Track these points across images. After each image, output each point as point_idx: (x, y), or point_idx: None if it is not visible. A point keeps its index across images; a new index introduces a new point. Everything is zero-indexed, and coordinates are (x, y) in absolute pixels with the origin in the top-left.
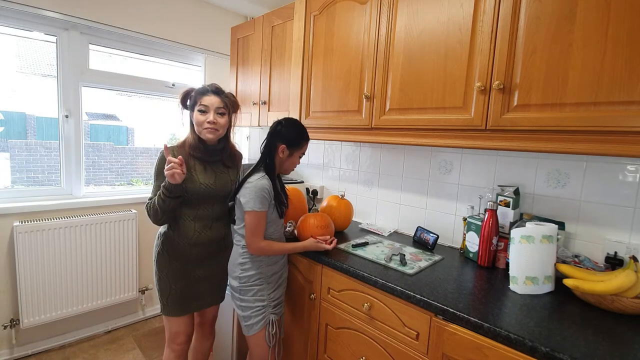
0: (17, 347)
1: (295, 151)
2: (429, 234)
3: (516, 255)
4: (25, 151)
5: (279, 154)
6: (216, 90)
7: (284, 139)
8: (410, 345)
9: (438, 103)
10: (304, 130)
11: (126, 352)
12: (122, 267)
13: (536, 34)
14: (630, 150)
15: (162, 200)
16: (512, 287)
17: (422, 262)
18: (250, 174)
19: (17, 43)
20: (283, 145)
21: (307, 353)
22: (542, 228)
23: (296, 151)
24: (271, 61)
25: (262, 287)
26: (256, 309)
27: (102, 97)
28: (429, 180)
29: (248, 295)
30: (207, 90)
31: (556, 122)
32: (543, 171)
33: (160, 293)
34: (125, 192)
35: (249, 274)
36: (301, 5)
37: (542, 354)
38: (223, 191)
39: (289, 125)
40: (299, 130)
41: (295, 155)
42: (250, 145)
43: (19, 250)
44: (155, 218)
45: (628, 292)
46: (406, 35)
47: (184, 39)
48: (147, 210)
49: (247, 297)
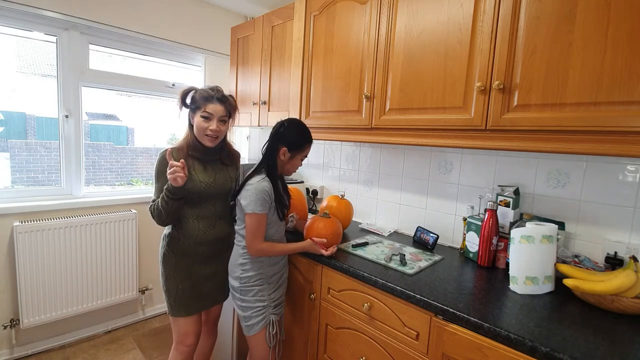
0: (17, 347)
1: (297, 154)
2: (429, 234)
3: (516, 255)
4: (25, 151)
5: (280, 157)
6: (221, 98)
7: (286, 142)
8: (410, 345)
9: (438, 103)
10: (306, 132)
11: (126, 352)
12: (122, 267)
13: (536, 34)
14: (630, 150)
15: (165, 202)
16: (512, 287)
17: (422, 262)
18: (251, 176)
19: (17, 43)
20: (284, 148)
21: (307, 353)
22: (542, 228)
23: (298, 154)
24: (271, 61)
25: (262, 287)
26: (257, 309)
27: (102, 97)
28: (429, 180)
29: (249, 295)
30: (212, 97)
31: (556, 122)
32: (543, 171)
33: (168, 294)
34: (125, 192)
35: (250, 275)
36: (301, 5)
37: (542, 354)
38: (223, 189)
39: (291, 127)
40: (301, 131)
41: (297, 157)
42: (250, 145)
43: (19, 250)
44: (159, 219)
45: (628, 292)
46: (406, 35)
47: (184, 39)
48: (151, 212)
49: (248, 298)
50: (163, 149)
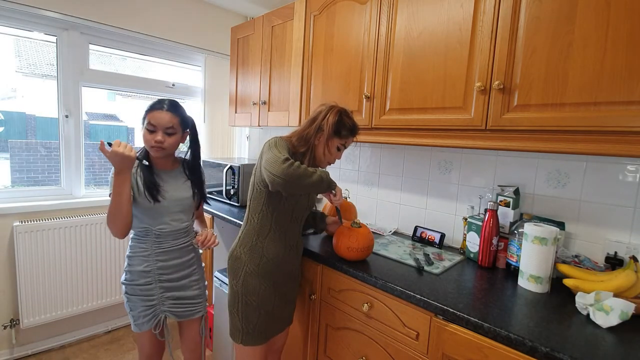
0: (17, 347)
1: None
2: (433, 233)
3: (528, 254)
4: (25, 151)
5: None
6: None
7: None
8: (411, 345)
9: (438, 103)
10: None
11: (126, 352)
12: (122, 267)
13: (536, 34)
14: (630, 150)
15: None
16: (520, 281)
17: (446, 262)
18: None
19: (17, 43)
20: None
21: (307, 353)
22: (554, 229)
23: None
24: (271, 61)
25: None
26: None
27: (102, 97)
28: (429, 180)
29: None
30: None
31: (556, 122)
32: (543, 171)
33: (246, 320)
34: None
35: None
36: (301, 5)
37: (542, 354)
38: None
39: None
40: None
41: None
42: (250, 145)
43: (19, 250)
44: None
45: (628, 292)
46: (406, 35)
47: (184, 39)
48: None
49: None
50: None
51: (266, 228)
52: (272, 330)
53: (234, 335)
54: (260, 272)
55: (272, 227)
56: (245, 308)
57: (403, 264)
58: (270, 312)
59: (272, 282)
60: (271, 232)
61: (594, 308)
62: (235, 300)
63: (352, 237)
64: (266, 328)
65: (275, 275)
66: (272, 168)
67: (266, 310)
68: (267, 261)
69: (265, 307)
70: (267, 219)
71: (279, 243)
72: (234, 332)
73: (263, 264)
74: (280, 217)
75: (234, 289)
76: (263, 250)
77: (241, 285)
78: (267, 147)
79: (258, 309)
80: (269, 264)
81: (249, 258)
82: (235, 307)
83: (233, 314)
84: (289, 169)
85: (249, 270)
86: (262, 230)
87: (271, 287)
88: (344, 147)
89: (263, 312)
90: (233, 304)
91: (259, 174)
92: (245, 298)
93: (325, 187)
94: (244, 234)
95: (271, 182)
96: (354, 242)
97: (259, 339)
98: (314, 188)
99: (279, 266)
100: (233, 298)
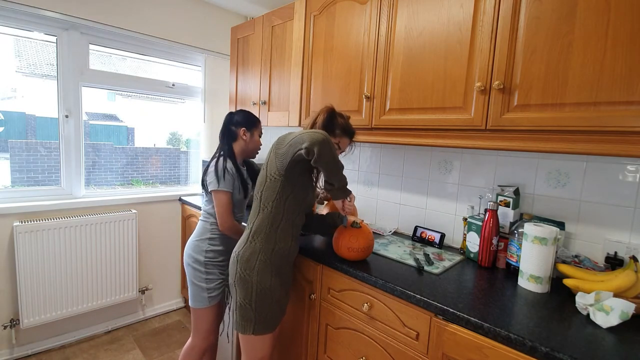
0: (17, 347)
1: (255, 131)
2: (433, 233)
3: (528, 254)
4: (25, 151)
5: (242, 137)
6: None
7: (241, 124)
8: (411, 345)
9: (438, 103)
10: (252, 114)
11: (126, 352)
12: (122, 267)
13: (536, 34)
14: (630, 150)
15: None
16: (520, 281)
17: (446, 262)
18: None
19: (17, 43)
20: (243, 128)
21: (307, 353)
22: (554, 229)
23: (255, 131)
24: (271, 61)
25: (225, 263)
26: (219, 282)
27: (102, 97)
28: (429, 180)
29: (212, 268)
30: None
31: (556, 122)
32: (543, 171)
33: (260, 310)
34: (125, 192)
35: (218, 249)
36: (301, 5)
37: (542, 354)
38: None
39: (240, 112)
40: (250, 113)
41: (255, 134)
42: None
43: (19, 250)
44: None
45: (628, 292)
46: (406, 35)
47: (184, 39)
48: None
49: (213, 270)
50: (164, 148)
51: (279, 217)
52: (279, 318)
53: (244, 328)
54: (272, 260)
55: (283, 216)
56: (259, 297)
57: (403, 264)
58: (278, 300)
59: (281, 271)
60: (282, 221)
61: (594, 308)
62: (249, 291)
63: (352, 237)
64: (276, 316)
65: (283, 264)
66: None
67: (276, 299)
68: (278, 249)
69: (275, 295)
70: (280, 206)
71: (287, 233)
72: (243, 324)
73: (275, 252)
74: (291, 207)
75: (247, 280)
76: (276, 238)
77: (256, 273)
78: (284, 137)
79: (271, 296)
80: (279, 253)
81: (263, 246)
82: (248, 298)
83: (244, 305)
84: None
85: (263, 259)
86: (275, 219)
87: (279, 276)
88: (339, 147)
89: (274, 300)
90: (245, 295)
91: (273, 165)
92: (260, 286)
93: (344, 178)
94: (256, 224)
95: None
96: (354, 242)
97: (270, 327)
98: (338, 168)
99: (287, 255)
100: (245, 289)
